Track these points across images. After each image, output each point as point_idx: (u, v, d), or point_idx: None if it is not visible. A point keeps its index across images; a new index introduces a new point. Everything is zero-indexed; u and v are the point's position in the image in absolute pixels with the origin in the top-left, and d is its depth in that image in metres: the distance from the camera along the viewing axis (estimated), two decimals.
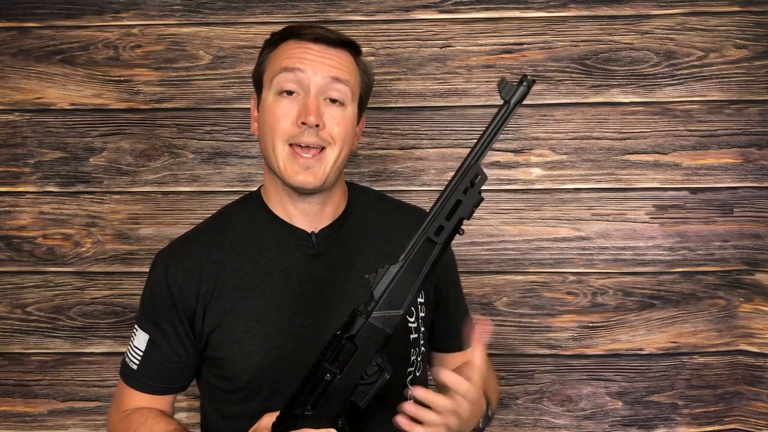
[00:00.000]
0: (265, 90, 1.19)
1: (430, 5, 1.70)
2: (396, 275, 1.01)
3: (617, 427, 1.73)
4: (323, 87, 1.15)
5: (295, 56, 1.16)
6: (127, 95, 1.73)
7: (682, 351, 1.72)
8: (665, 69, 1.69)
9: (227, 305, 1.18)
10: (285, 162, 1.15)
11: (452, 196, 1.01)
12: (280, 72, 1.15)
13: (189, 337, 1.20)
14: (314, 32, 1.17)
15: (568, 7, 1.69)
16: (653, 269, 1.71)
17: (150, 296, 1.23)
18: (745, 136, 1.69)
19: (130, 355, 1.24)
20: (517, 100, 0.99)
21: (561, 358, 1.72)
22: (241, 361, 1.16)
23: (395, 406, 1.20)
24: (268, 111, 1.17)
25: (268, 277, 1.19)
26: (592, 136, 1.71)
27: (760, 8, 1.67)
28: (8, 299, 1.76)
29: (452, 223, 1.01)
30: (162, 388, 1.23)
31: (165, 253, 1.23)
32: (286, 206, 1.22)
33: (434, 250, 1.01)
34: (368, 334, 1.01)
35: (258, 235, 1.22)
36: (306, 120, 1.13)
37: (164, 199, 1.74)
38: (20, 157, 1.74)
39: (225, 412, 1.21)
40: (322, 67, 1.15)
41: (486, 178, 1.01)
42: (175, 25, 1.72)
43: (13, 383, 1.77)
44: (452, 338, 1.32)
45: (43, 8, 1.73)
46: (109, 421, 1.27)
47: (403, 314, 1.02)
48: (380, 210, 1.29)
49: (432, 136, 1.72)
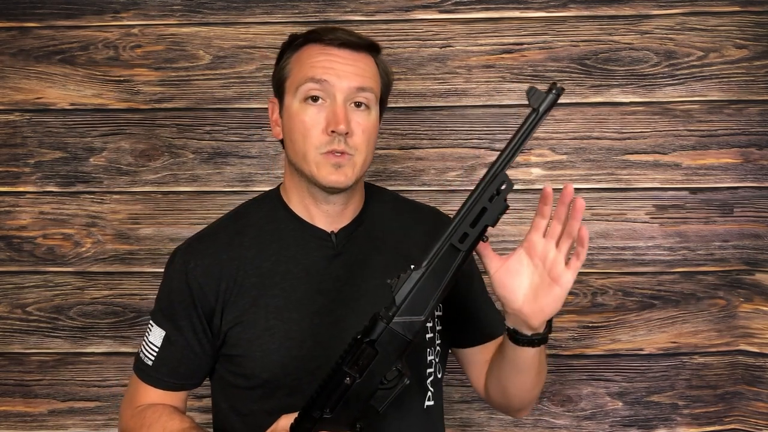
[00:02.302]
0: (289, 96, 1.19)
1: (430, 5, 1.70)
2: (418, 281, 1.00)
3: (617, 427, 1.73)
4: (349, 94, 1.16)
5: (321, 66, 1.16)
6: (127, 95, 1.73)
7: (682, 351, 1.72)
8: (665, 69, 1.69)
9: (247, 303, 1.18)
10: (319, 166, 1.16)
11: (478, 203, 1.00)
12: (307, 82, 1.16)
13: (206, 333, 1.20)
14: (338, 37, 1.18)
15: (568, 7, 1.69)
16: (653, 269, 1.71)
17: (168, 292, 1.23)
18: (745, 136, 1.69)
19: (144, 350, 1.24)
20: (545, 108, 0.98)
21: (561, 358, 1.72)
22: (261, 359, 1.17)
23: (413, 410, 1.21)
24: (296, 118, 1.17)
25: (288, 275, 1.19)
26: (592, 136, 1.71)
27: (760, 8, 1.67)
28: (8, 299, 1.76)
29: (477, 230, 1.00)
30: (177, 384, 1.23)
31: (184, 250, 1.24)
32: (308, 206, 1.23)
33: (458, 257, 1.01)
34: (389, 339, 1.00)
35: (277, 233, 1.22)
36: (336, 129, 1.14)
37: (164, 199, 1.74)
38: (20, 157, 1.75)
39: (241, 410, 1.21)
40: (348, 75, 1.16)
41: (512, 186, 1.00)
42: (175, 25, 1.72)
43: (14, 383, 1.77)
44: (485, 326, 1.31)
45: (43, 8, 1.73)
46: (121, 416, 1.26)
47: (424, 320, 1.01)
48: (396, 210, 1.30)
49: (432, 136, 1.72)
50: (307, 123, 1.16)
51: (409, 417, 1.21)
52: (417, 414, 1.22)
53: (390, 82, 1.26)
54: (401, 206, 1.32)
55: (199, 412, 1.64)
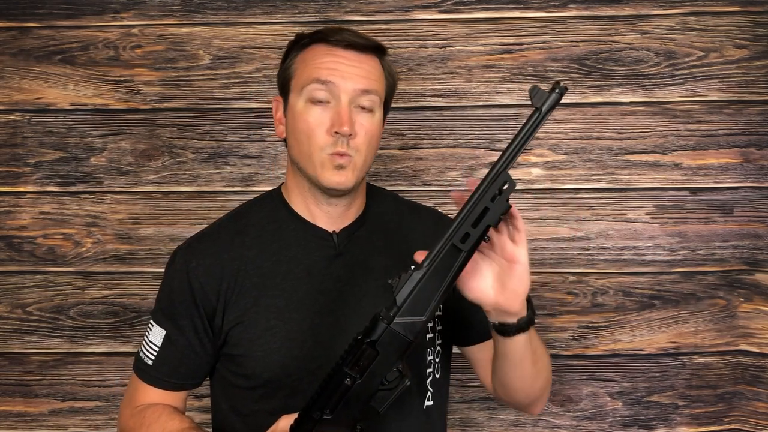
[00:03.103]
0: (294, 95, 1.19)
1: (430, 5, 1.70)
2: (419, 281, 1.00)
3: (617, 427, 1.73)
4: (353, 96, 1.17)
5: (326, 67, 1.16)
6: (127, 95, 1.73)
7: (682, 351, 1.72)
8: (665, 69, 1.69)
9: (248, 302, 1.19)
10: (321, 167, 1.16)
11: (480, 204, 0.98)
12: (312, 82, 1.16)
13: (207, 333, 1.20)
14: (344, 38, 1.18)
15: (568, 7, 1.69)
16: (653, 269, 1.71)
17: (169, 292, 1.23)
18: (745, 136, 1.69)
19: (144, 350, 1.24)
20: (548, 108, 0.96)
21: (561, 358, 1.72)
22: (262, 359, 1.17)
23: (413, 411, 1.21)
24: (300, 118, 1.17)
25: (289, 275, 1.20)
26: (592, 136, 1.71)
27: (760, 8, 1.67)
28: (8, 299, 1.76)
29: (479, 230, 0.99)
30: (177, 384, 1.23)
31: (184, 249, 1.24)
32: (310, 207, 1.23)
33: (459, 258, 1.00)
34: (390, 340, 1.00)
35: (279, 233, 1.23)
36: (340, 130, 1.14)
37: (164, 199, 1.74)
38: (20, 157, 1.75)
39: (242, 410, 1.21)
40: (353, 78, 1.16)
41: (514, 186, 0.99)
42: (175, 25, 1.72)
43: (14, 383, 1.77)
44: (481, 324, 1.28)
45: (43, 8, 1.73)
46: (120, 415, 1.26)
47: (425, 321, 1.00)
48: (397, 211, 1.31)
49: (432, 136, 1.72)
50: (311, 123, 1.16)
51: (409, 417, 1.21)
52: (417, 414, 1.22)
53: (395, 83, 1.26)
54: (403, 207, 1.33)
55: (198, 412, 1.64)
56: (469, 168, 1.72)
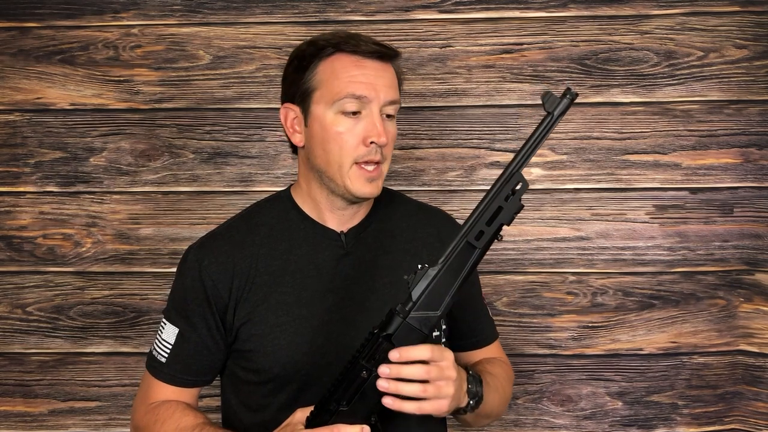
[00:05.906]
0: (321, 106, 1.19)
1: (430, 5, 1.70)
2: (435, 277, 1.04)
3: (617, 427, 1.73)
4: (383, 106, 1.20)
5: (358, 81, 1.18)
6: (127, 95, 1.73)
7: (682, 351, 1.72)
8: (665, 69, 1.69)
9: (258, 299, 1.21)
10: (352, 178, 1.19)
11: (494, 202, 1.03)
12: (346, 97, 1.17)
13: (219, 330, 1.22)
14: (369, 47, 1.20)
15: (568, 7, 1.69)
16: (653, 269, 1.71)
17: (181, 290, 1.25)
18: (745, 136, 1.69)
19: (157, 348, 1.26)
20: (560, 112, 1.03)
21: (561, 358, 1.73)
22: (272, 354, 1.19)
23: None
24: (331, 129, 1.19)
25: (298, 273, 1.22)
26: (592, 136, 1.71)
27: (760, 8, 1.67)
28: (8, 299, 1.76)
29: (492, 228, 1.03)
30: (191, 380, 1.25)
31: (197, 248, 1.26)
32: (322, 211, 1.25)
33: (473, 255, 1.04)
34: (405, 334, 1.03)
35: (288, 233, 1.25)
36: (378, 141, 1.17)
37: (164, 199, 1.74)
38: (20, 157, 1.75)
39: (252, 405, 1.23)
40: (383, 89, 1.19)
41: (527, 186, 1.05)
42: (175, 25, 1.72)
43: (14, 383, 1.77)
44: (471, 336, 1.35)
45: (43, 8, 1.73)
46: (134, 413, 1.28)
47: (440, 316, 1.04)
48: (404, 211, 1.33)
49: (432, 136, 1.72)
50: (344, 134, 1.18)
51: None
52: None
53: (401, 83, 1.28)
54: (410, 208, 1.35)
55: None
56: (469, 168, 1.72)
